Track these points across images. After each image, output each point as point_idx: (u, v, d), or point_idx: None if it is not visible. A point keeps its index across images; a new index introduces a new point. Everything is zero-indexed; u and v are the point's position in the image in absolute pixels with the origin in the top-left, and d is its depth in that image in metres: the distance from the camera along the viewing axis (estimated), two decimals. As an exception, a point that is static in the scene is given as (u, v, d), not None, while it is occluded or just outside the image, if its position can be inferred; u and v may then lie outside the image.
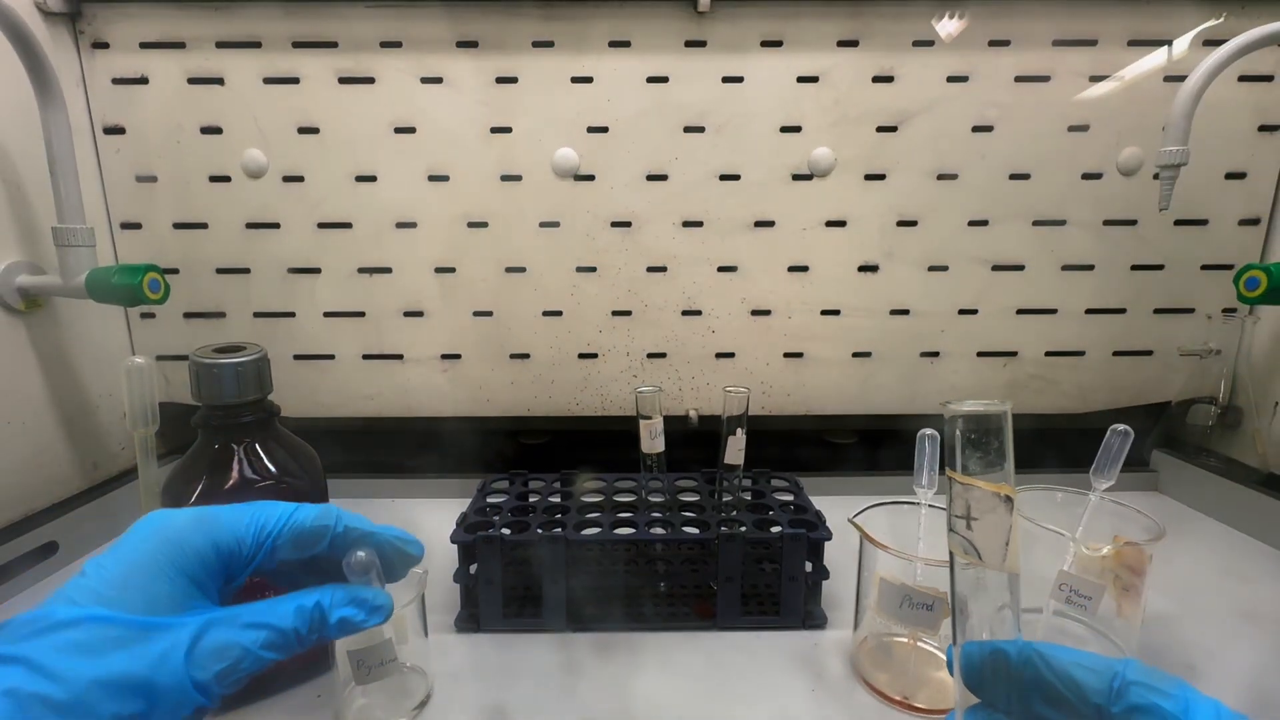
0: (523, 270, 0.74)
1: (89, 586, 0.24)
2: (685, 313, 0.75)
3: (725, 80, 0.70)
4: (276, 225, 0.72)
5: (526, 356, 0.76)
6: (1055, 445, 0.69)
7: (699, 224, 0.73)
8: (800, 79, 0.70)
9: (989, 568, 0.21)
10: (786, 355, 0.77)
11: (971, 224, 0.73)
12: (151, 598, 0.25)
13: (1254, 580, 0.58)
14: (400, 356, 0.76)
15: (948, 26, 0.66)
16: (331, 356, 0.76)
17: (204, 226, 0.72)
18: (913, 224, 0.73)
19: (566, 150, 0.71)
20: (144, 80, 0.69)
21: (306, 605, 0.27)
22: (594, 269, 0.74)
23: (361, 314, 0.75)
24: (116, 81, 0.69)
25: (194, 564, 0.26)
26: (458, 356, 0.76)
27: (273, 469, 0.42)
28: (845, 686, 0.44)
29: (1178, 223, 0.73)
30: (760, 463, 0.63)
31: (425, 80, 0.69)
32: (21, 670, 0.21)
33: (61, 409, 0.65)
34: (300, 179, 0.71)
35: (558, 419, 0.79)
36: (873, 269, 0.74)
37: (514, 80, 0.69)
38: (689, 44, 0.69)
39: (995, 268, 0.74)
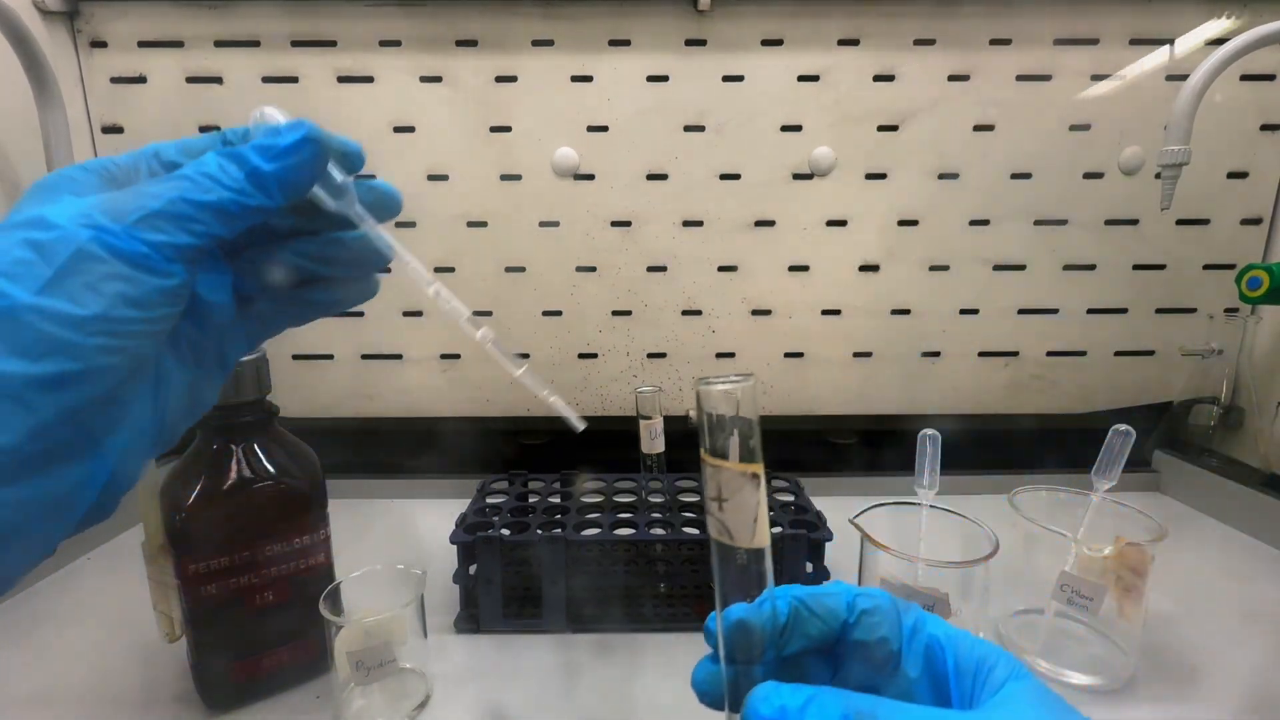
0: (522, 270, 0.74)
1: None
2: (685, 313, 0.75)
3: (725, 79, 0.70)
4: (276, 225, 0.72)
5: (526, 356, 0.76)
6: (1056, 445, 0.69)
7: (699, 224, 0.73)
8: (801, 78, 0.70)
9: (739, 545, 0.22)
10: (787, 355, 0.76)
11: (972, 224, 0.73)
12: None
13: (1256, 581, 0.58)
14: (399, 356, 0.76)
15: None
16: (330, 356, 0.76)
17: (203, 226, 0.72)
18: (913, 224, 0.73)
19: (566, 149, 0.71)
20: (142, 79, 0.69)
21: (209, 156, 0.23)
22: (594, 269, 0.74)
23: (360, 314, 0.75)
24: (115, 80, 0.69)
25: (70, 185, 0.23)
26: (457, 356, 0.76)
27: (271, 469, 0.42)
28: (846, 688, 0.44)
29: (1179, 222, 0.73)
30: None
31: (424, 79, 0.69)
32: None
33: (60, 409, 0.65)
34: (299, 178, 0.71)
35: (557, 419, 0.78)
36: (873, 269, 0.74)
37: (513, 79, 0.69)
38: (689, 43, 0.69)
39: (996, 267, 0.74)
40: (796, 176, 0.72)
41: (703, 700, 0.25)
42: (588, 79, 0.70)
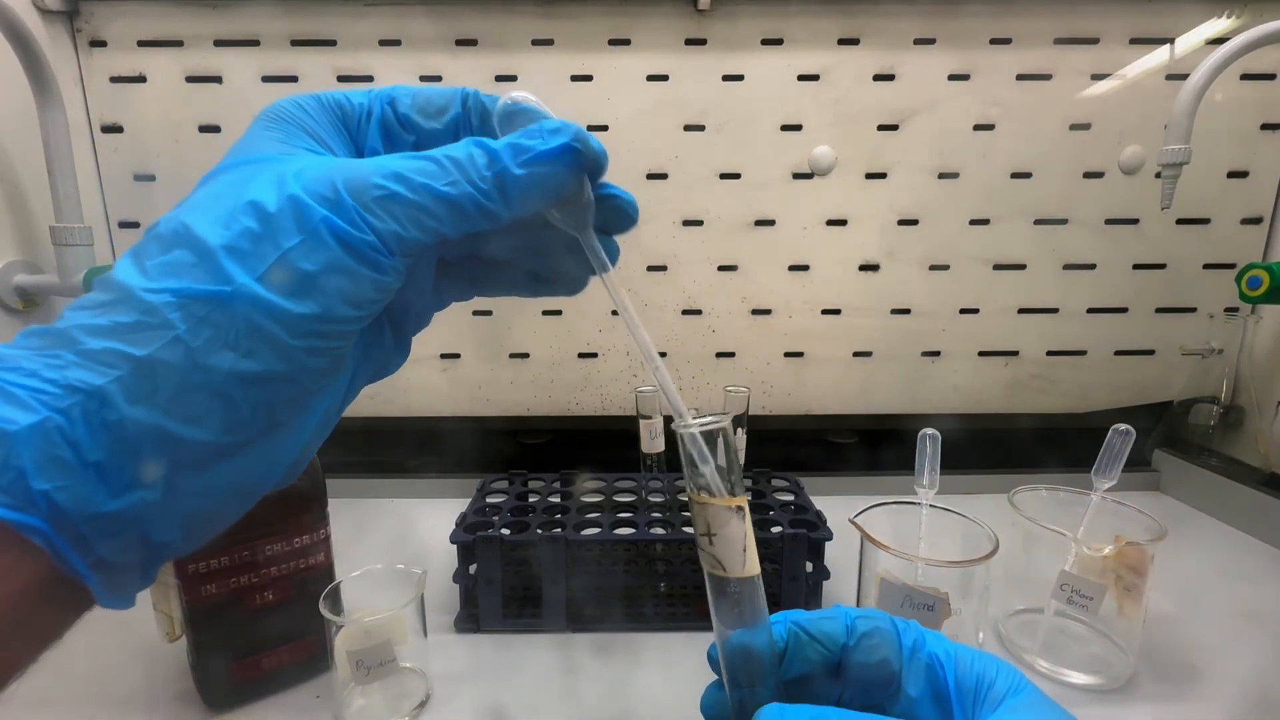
0: (522, 269, 0.74)
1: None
2: (685, 312, 0.75)
3: (725, 79, 0.70)
4: (275, 224, 0.72)
5: (526, 356, 0.76)
6: (1056, 445, 0.69)
7: (699, 223, 0.73)
8: (801, 77, 0.70)
9: (731, 575, 0.23)
10: (787, 355, 0.76)
11: (973, 223, 0.73)
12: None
13: (1256, 580, 0.58)
14: (400, 356, 0.76)
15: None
16: (331, 356, 0.75)
17: (203, 225, 0.72)
18: (914, 223, 0.73)
19: (566, 149, 0.71)
20: (142, 79, 0.69)
21: (461, 142, 0.20)
22: (594, 268, 0.74)
23: (361, 313, 0.74)
24: (114, 80, 0.69)
25: (306, 121, 0.22)
26: (457, 356, 0.76)
27: (271, 469, 0.42)
28: (846, 687, 0.44)
29: (1180, 222, 0.73)
30: (760, 463, 0.63)
31: (424, 78, 0.69)
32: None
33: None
34: (299, 178, 0.71)
35: (557, 419, 0.78)
36: (873, 268, 0.74)
37: (513, 78, 0.69)
38: (689, 42, 0.69)
39: (996, 267, 0.74)
40: (796, 176, 0.72)
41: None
42: (588, 78, 0.69)
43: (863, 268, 0.74)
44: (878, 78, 0.70)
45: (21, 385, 0.17)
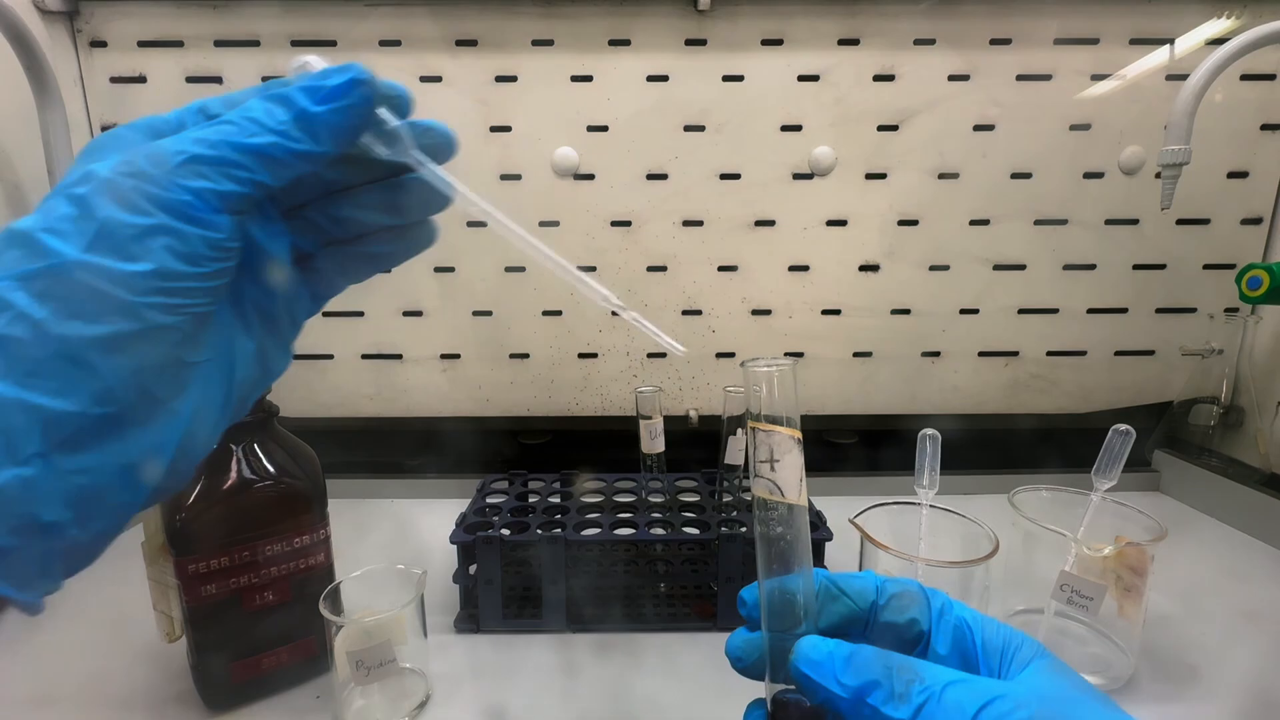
0: (522, 270, 0.74)
1: None
2: (685, 312, 0.75)
3: (725, 79, 0.70)
4: (275, 224, 0.72)
5: (526, 356, 0.76)
6: (1057, 445, 0.69)
7: (699, 223, 0.73)
8: (801, 78, 0.70)
9: (789, 501, 0.24)
10: (787, 355, 0.76)
11: (973, 223, 0.73)
12: None
13: (1255, 580, 0.58)
14: (399, 356, 0.76)
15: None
16: (330, 356, 0.75)
17: (203, 226, 0.72)
18: (914, 223, 0.73)
19: (566, 149, 0.71)
20: (142, 79, 0.69)
21: (254, 101, 0.22)
22: (594, 268, 0.74)
23: (361, 314, 0.75)
24: (114, 80, 0.69)
25: (119, 144, 0.22)
26: (457, 356, 0.76)
27: (271, 469, 0.42)
28: (846, 687, 0.44)
29: (1180, 222, 0.73)
30: (760, 463, 0.62)
31: (424, 79, 0.69)
32: None
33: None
34: (299, 178, 0.71)
35: (557, 419, 0.78)
36: (873, 268, 0.74)
37: (513, 79, 0.69)
38: (689, 42, 0.69)
39: (996, 267, 0.74)
40: (796, 176, 0.72)
41: (737, 666, 0.26)
42: (588, 79, 0.69)
43: (863, 268, 0.74)
44: (878, 78, 0.70)
45: None
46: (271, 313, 0.25)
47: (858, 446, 0.80)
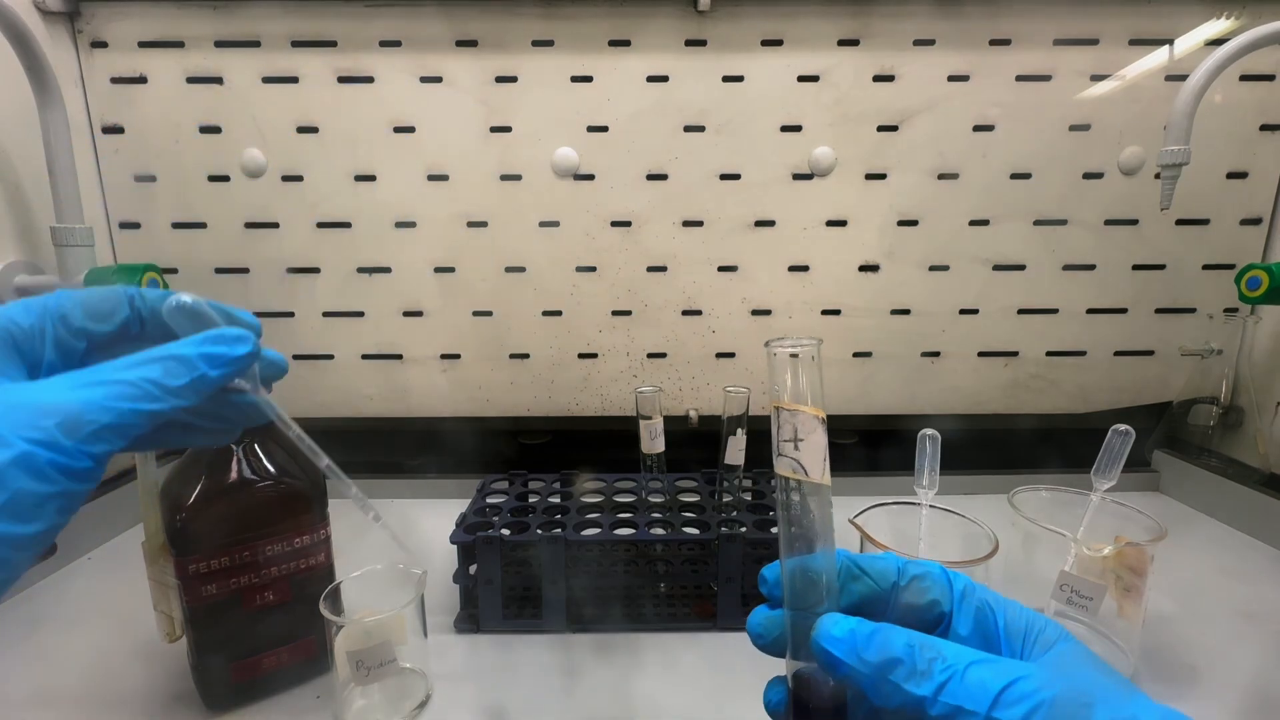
0: (522, 270, 0.74)
1: None
2: (685, 313, 0.75)
3: (725, 79, 0.70)
4: (275, 225, 0.72)
5: (526, 356, 0.76)
6: (1056, 445, 0.69)
7: (699, 224, 0.73)
8: (801, 78, 0.70)
9: (813, 480, 0.24)
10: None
11: (972, 223, 0.73)
12: None
13: (1255, 580, 0.58)
14: (400, 356, 0.76)
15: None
16: (331, 356, 0.76)
17: (203, 226, 0.72)
18: (913, 223, 0.73)
19: (566, 150, 0.71)
20: (143, 79, 0.69)
21: (156, 354, 0.24)
22: (594, 269, 0.74)
23: (361, 314, 0.75)
24: (115, 81, 0.69)
25: None
26: (457, 356, 0.76)
27: (271, 469, 0.42)
28: (846, 687, 0.44)
29: (1179, 222, 0.73)
30: (761, 463, 0.63)
31: (425, 80, 0.69)
32: None
33: (60, 409, 0.65)
34: (299, 178, 0.71)
35: (557, 419, 0.78)
36: (873, 269, 0.74)
37: (514, 79, 0.69)
38: (689, 43, 0.69)
39: (996, 267, 0.74)
40: (796, 176, 0.72)
41: (758, 644, 0.26)
42: (588, 79, 0.70)
43: (863, 268, 0.74)
44: (877, 78, 0.70)
45: None
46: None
47: (857, 446, 0.80)
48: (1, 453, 0.21)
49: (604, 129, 0.71)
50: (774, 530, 0.52)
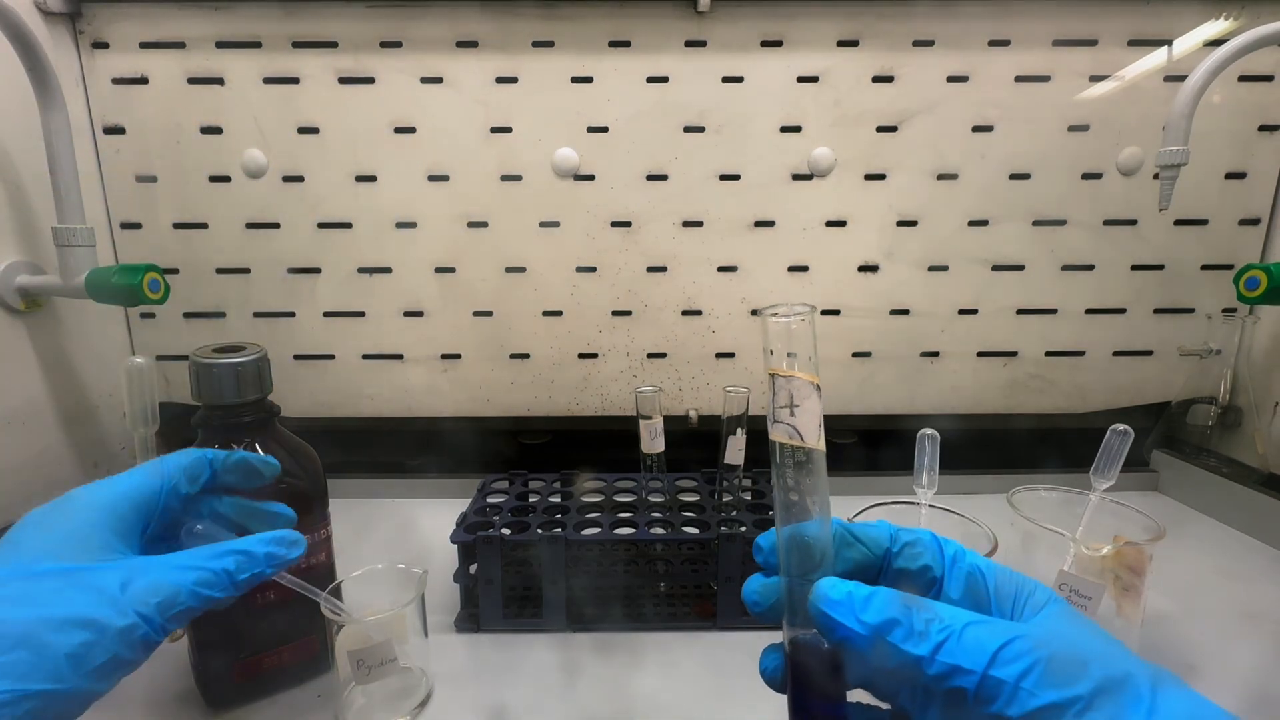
0: (523, 270, 0.74)
1: (22, 550, 0.27)
2: (685, 313, 0.75)
3: (725, 80, 0.70)
4: (276, 225, 0.72)
5: (526, 356, 0.76)
6: (1055, 445, 0.69)
7: (699, 224, 0.73)
8: (800, 79, 0.70)
9: (808, 447, 0.24)
10: (787, 355, 0.76)
11: (971, 224, 0.73)
12: (78, 553, 0.27)
13: (1254, 580, 0.58)
14: (400, 356, 0.76)
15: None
16: (331, 356, 0.76)
17: (204, 226, 0.72)
18: (913, 224, 0.73)
19: (566, 150, 0.71)
20: (144, 80, 0.69)
21: (233, 547, 0.30)
22: (594, 269, 0.74)
23: (361, 314, 0.75)
24: (116, 81, 0.69)
25: (109, 518, 0.29)
26: (458, 356, 0.76)
27: (273, 469, 0.42)
28: (845, 686, 0.44)
29: (1178, 223, 0.73)
30: (760, 463, 0.63)
31: (425, 80, 0.69)
32: None
33: (62, 409, 0.65)
34: (300, 179, 0.71)
35: (558, 419, 0.79)
36: (873, 269, 0.74)
37: (514, 80, 0.69)
38: (689, 44, 0.69)
39: (995, 268, 0.74)
40: (796, 177, 0.72)
41: (754, 611, 0.27)
42: (588, 80, 0.70)
43: (862, 268, 0.74)
44: (877, 79, 0.70)
45: None
46: None
47: (857, 446, 0.80)
48: (117, 619, 0.25)
49: (604, 129, 0.71)
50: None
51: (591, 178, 0.72)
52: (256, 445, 0.42)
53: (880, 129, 0.71)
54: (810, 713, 0.25)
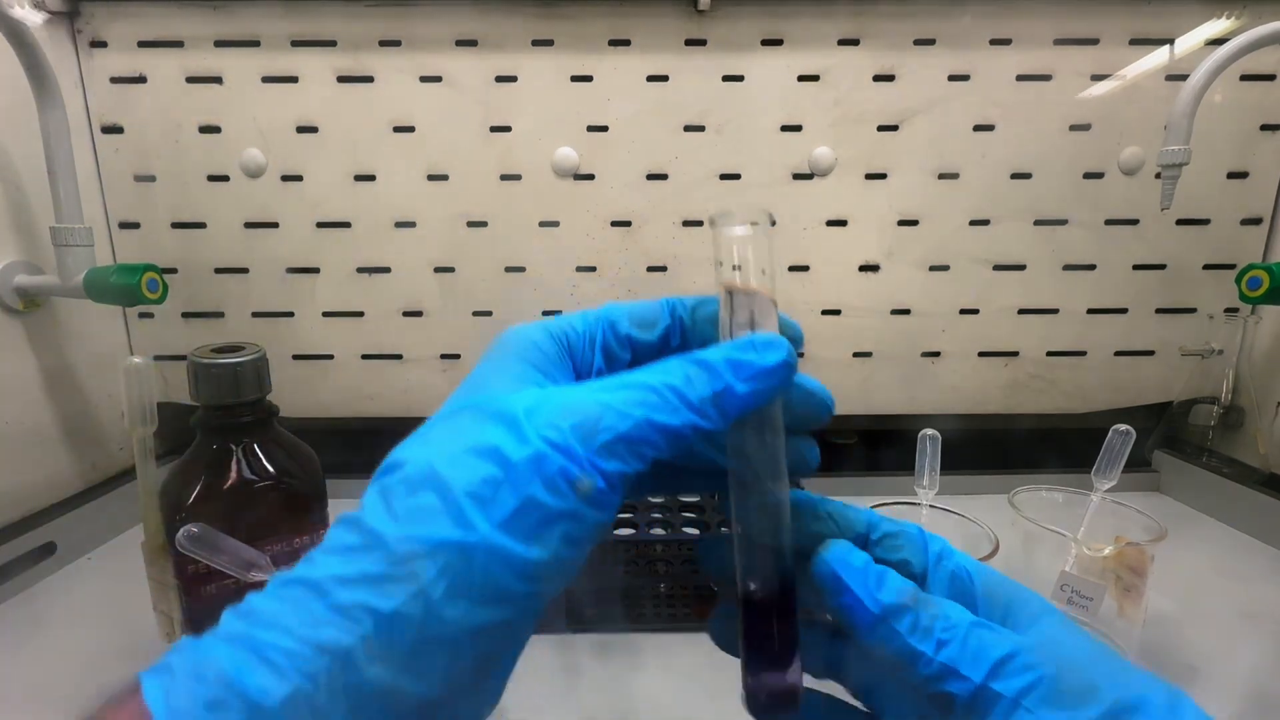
0: (522, 270, 0.74)
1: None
2: (685, 312, 0.75)
3: (725, 79, 0.70)
4: (275, 225, 0.72)
5: (526, 356, 0.76)
6: (1056, 446, 0.69)
7: (699, 224, 0.73)
8: (801, 78, 0.70)
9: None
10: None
11: (973, 223, 0.73)
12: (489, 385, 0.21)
13: (1255, 581, 0.58)
14: (400, 356, 0.76)
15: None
16: (331, 356, 0.76)
17: (202, 226, 0.72)
18: (914, 223, 0.73)
19: (566, 149, 0.71)
20: (142, 79, 0.69)
21: (679, 360, 0.20)
22: (594, 269, 0.74)
23: (361, 314, 0.75)
24: (115, 80, 0.69)
25: (533, 352, 0.22)
26: (457, 356, 0.76)
27: (271, 469, 0.42)
28: (846, 688, 0.44)
29: (1179, 222, 0.73)
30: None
31: (424, 79, 0.69)
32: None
33: (60, 409, 0.65)
34: (299, 178, 0.71)
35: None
36: (873, 269, 0.74)
37: (513, 79, 0.69)
38: (689, 43, 0.69)
39: (996, 267, 0.74)
40: (796, 176, 0.72)
41: (704, 568, 0.25)
42: (587, 79, 0.69)
43: (863, 268, 0.74)
44: (878, 78, 0.70)
45: (277, 647, 0.16)
46: None
47: (858, 447, 0.80)
48: (518, 449, 0.18)
49: (604, 129, 0.71)
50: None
51: (591, 177, 0.72)
52: (255, 445, 0.42)
53: (881, 128, 0.71)
54: (772, 678, 0.22)
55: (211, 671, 0.16)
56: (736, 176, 0.72)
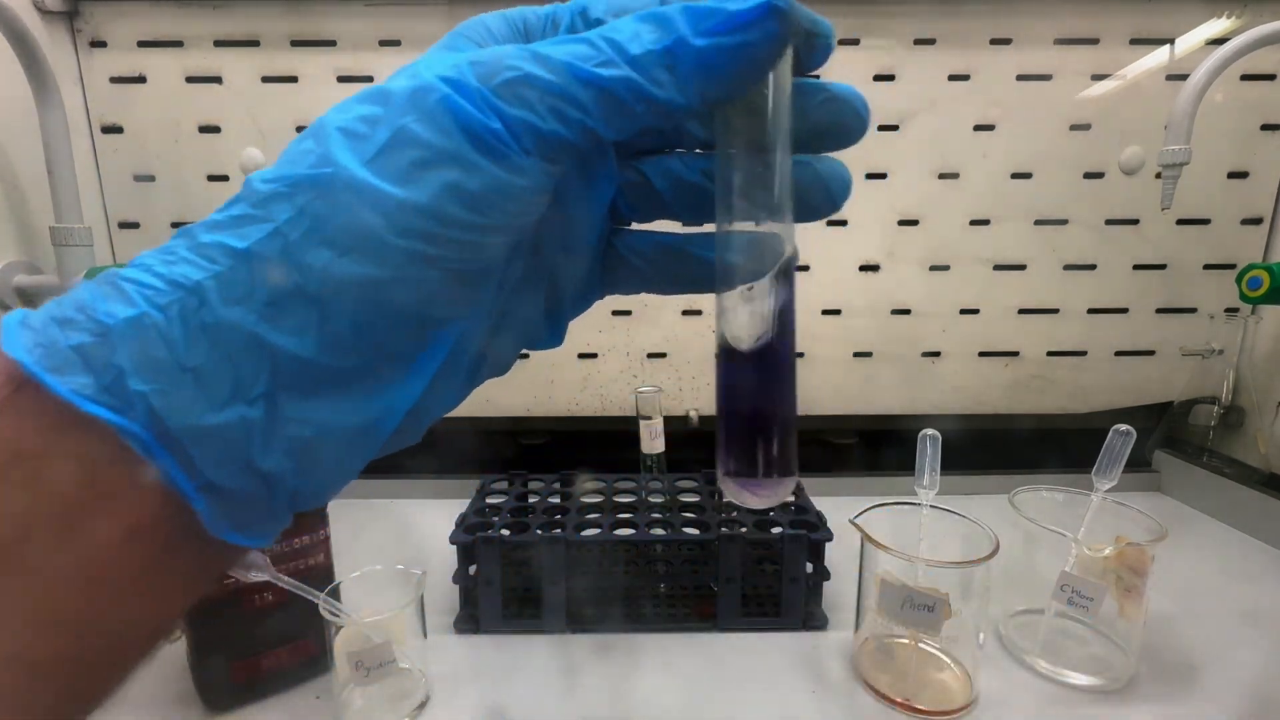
0: (522, 270, 0.74)
1: None
2: (685, 313, 0.75)
3: (725, 79, 0.70)
4: (275, 225, 0.72)
5: (525, 356, 0.76)
6: (1057, 446, 0.69)
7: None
8: (801, 78, 0.70)
9: None
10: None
11: (973, 223, 0.73)
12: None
13: (1256, 581, 0.58)
14: (399, 356, 0.76)
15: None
16: (330, 356, 0.75)
17: (203, 226, 0.72)
18: (914, 223, 0.73)
19: (566, 149, 0.71)
20: (142, 79, 0.69)
21: (627, 18, 0.16)
22: (594, 268, 0.74)
23: (361, 314, 0.74)
24: (114, 80, 0.69)
25: (478, 30, 0.19)
26: (457, 356, 0.76)
27: (271, 469, 0.42)
28: (846, 688, 0.44)
29: (1180, 222, 0.73)
30: (761, 463, 0.62)
31: (424, 79, 0.69)
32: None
33: (60, 409, 0.65)
34: (299, 178, 0.71)
35: (557, 419, 0.78)
36: (874, 268, 0.74)
37: (513, 79, 0.69)
38: (689, 43, 0.69)
39: (997, 267, 0.74)
40: (796, 176, 0.72)
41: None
42: (588, 79, 0.69)
43: (863, 268, 0.74)
44: (878, 78, 0.70)
45: (134, 281, 0.16)
46: (559, 293, 0.22)
47: (858, 447, 0.80)
48: (405, 82, 0.15)
49: (604, 129, 0.70)
50: (775, 530, 0.52)
51: (591, 177, 0.72)
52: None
53: (881, 128, 0.71)
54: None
55: (69, 300, 0.16)
56: (736, 176, 0.72)
